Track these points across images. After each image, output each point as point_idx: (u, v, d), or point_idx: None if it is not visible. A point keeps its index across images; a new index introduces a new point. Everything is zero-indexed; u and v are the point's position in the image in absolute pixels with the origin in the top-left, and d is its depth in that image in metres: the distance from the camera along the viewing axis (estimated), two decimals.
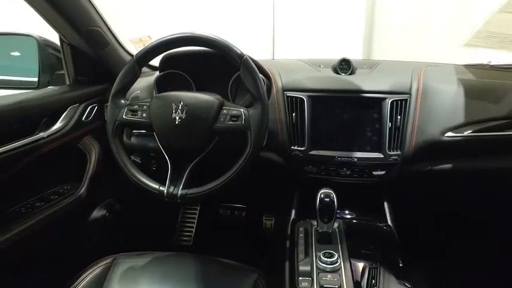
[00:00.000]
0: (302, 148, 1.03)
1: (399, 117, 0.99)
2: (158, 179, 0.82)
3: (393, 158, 1.00)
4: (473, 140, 0.98)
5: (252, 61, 0.80)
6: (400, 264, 0.88)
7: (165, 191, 0.80)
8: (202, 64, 1.03)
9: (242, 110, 0.78)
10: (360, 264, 0.86)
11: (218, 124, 0.78)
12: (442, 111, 1.00)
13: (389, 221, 1.09)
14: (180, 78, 1.07)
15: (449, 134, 0.99)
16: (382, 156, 1.01)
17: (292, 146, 1.03)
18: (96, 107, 1.16)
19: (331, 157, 1.03)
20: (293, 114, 1.02)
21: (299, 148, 1.03)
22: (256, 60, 0.88)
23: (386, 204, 1.14)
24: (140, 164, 1.21)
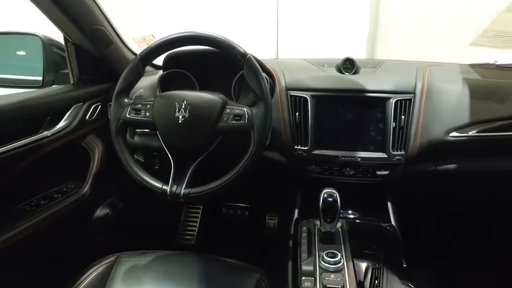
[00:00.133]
0: (305, 148, 1.03)
1: (403, 117, 0.98)
2: (161, 178, 0.82)
3: (397, 158, 1.00)
4: (478, 140, 0.98)
5: (255, 60, 0.79)
6: (404, 264, 0.88)
7: (168, 190, 0.80)
8: (205, 63, 1.03)
9: (245, 109, 0.78)
10: (363, 264, 0.86)
11: (221, 123, 0.78)
12: (447, 111, 0.99)
13: (392, 221, 1.08)
14: (184, 77, 1.07)
15: (453, 134, 0.98)
16: (385, 156, 1.00)
17: (295, 146, 1.03)
18: (99, 106, 1.16)
19: (334, 157, 1.03)
20: (296, 113, 1.02)
21: (302, 148, 1.03)
22: (259, 59, 0.88)
23: (389, 204, 1.13)
24: (143, 163, 1.21)
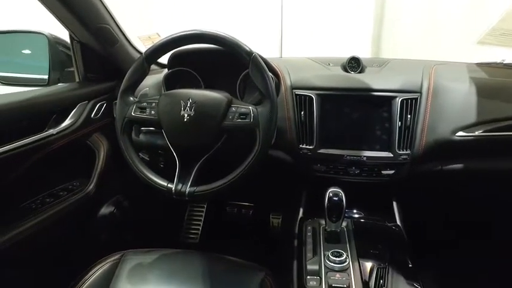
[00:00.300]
0: (310, 146, 1.02)
1: (409, 116, 0.98)
2: (166, 176, 0.82)
3: (403, 158, 0.99)
4: (484, 140, 0.97)
5: (261, 59, 0.79)
6: (409, 264, 0.87)
7: (173, 189, 0.80)
8: (210, 62, 1.03)
9: (251, 108, 0.78)
10: (369, 264, 0.85)
11: (227, 122, 0.78)
12: (453, 110, 0.98)
13: (398, 221, 1.08)
14: (189, 75, 1.07)
15: (460, 134, 0.97)
16: (391, 155, 1.00)
17: (300, 145, 1.03)
18: (105, 104, 1.16)
19: (339, 156, 1.02)
20: (302, 112, 1.01)
21: (307, 146, 1.03)
22: (264, 58, 0.88)
23: (395, 203, 1.13)
24: (148, 162, 1.22)
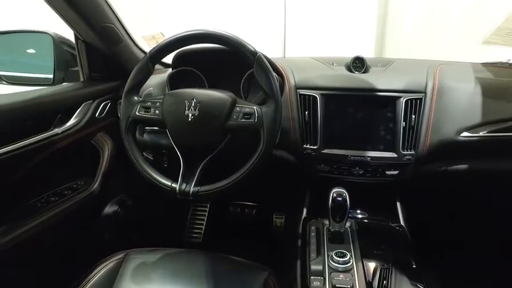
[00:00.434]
0: (314, 147, 1.02)
1: (414, 116, 0.97)
2: (170, 176, 0.83)
3: (407, 158, 0.99)
4: (489, 141, 0.96)
5: (265, 58, 0.79)
6: (413, 265, 0.87)
7: (177, 188, 0.80)
8: (214, 61, 1.03)
9: (255, 108, 0.78)
10: (372, 264, 0.85)
11: (231, 122, 0.78)
12: (458, 110, 0.98)
13: (401, 221, 1.08)
14: (193, 75, 1.07)
15: (465, 134, 0.97)
16: (395, 155, 0.99)
17: (304, 145, 1.03)
18: (109, 104, 1.17)
19: (343, 156, 1.02)
20: (306, 112, 1.01)
21: (311, 147, 1.02)
22: (269, 57, 0.88)
23: (399, 204, 1.12)
24: (152, 161, 1.22)
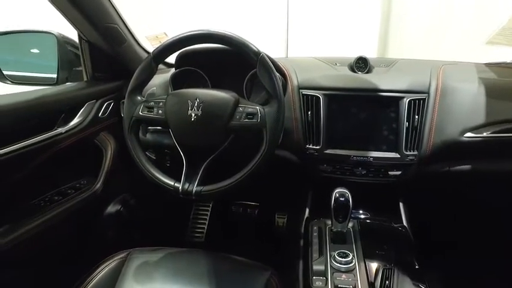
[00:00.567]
0: (317, 147, 1.02)
1: (417, 116, 0.97)
2: (173, 176, 0.83)
3: (410, 158, 0.99)
4: (493, 141, 0.96)
5: (268, 59, 0.79)
6: (416, 265, 0.87)
7: (180, 188, 0.80)
8: (217, 61, 1.03)
9: (258, 108, 0.78)
10: (375, 264, 0.85)
11: (234, 122, 0.78)
12: (462, 111, 0.97)
13: (404, 222, 1.08)
14: (196, 75, 1.07)
15: (468, 135, 0.96)
16: (398, 156, 0.99)
17: (307, 145, 1.03)
18: (112, 104, 1.17)
19: (346, 156, 1.02)
20: (308, 112, 1.01)
21: (314, 147, 1.02)
22: (272, 58, 0.88)
23: (401, 204, 1.12)
24: (155, 161, 1.22)
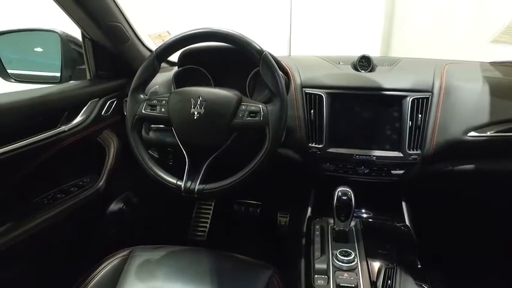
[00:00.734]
0: (320, 145, 1.02)
1: (420, 115, 0.97)
2: (175, 174, 0.83)
3: (413, 158, 0.99)
4: (497, 141, 0.95)
5: (272, 57, 0.79)
6: (418, 265, 0.87)
7: (183, 186, 0.80)
8: (220, 60, 1.03)
9: (261, 106, 0.78)
10: (377, 263, 0.85)
11: (236, 120, 0.78)
12: (465, 110, 0.97)
13: (407, 221, 1.07)
14: (199, 73, 1.07)
15: (472, 134, 0.96)
16: (401, 155, 0.99)
17: (310, 143, 1.03)
18: (115, 102, 1.17)
19: (349, 155, 1.02)
20: (311, 111, 1.01)
21: (317, 145, 1.02)
22: (275, 56, 0.87)
23: (404, 203, 1.12)
24: (157, 159, 1.23)
